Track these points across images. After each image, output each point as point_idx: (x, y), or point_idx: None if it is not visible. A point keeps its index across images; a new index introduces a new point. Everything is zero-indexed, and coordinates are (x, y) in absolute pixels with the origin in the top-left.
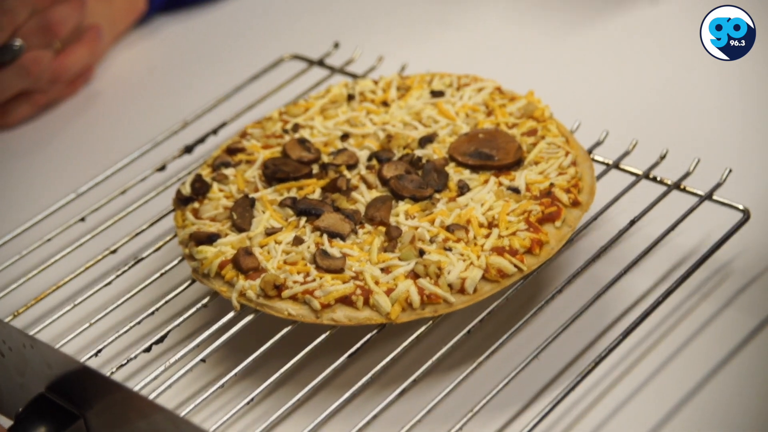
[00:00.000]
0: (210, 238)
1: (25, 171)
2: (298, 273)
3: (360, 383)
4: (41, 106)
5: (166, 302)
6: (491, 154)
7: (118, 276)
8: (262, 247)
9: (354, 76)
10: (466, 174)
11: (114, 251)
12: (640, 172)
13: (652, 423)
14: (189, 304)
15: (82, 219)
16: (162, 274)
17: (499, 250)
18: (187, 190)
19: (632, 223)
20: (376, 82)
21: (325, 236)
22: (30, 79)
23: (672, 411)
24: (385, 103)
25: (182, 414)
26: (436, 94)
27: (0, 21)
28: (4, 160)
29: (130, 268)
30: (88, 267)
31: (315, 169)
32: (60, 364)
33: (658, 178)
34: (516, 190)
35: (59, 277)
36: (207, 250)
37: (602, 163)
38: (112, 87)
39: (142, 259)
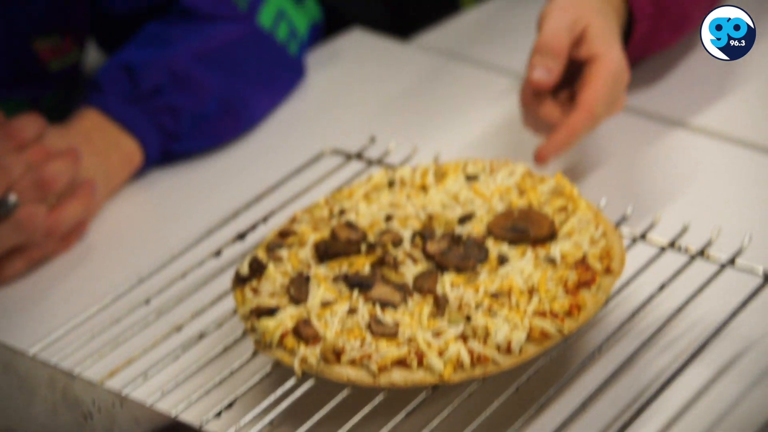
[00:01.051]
0: (270, 311)
1: (19, 329)
2: (355, 339)
3: None
4: (35, 261)
5: (232, 373)
6: (527, 229)
7: (185, 351)
8: (319, 318)
9: (391, 167)
10: (504, 247)
11: (179, 329)
12: (665, 243)
13: None
14: (252, 374)
15: (147, 301)
16: (225, 349)
17: (541, 314)
18: (245, 270)
19: (662, 286)
20: (414, 169)
21: (377, 306)
22: (25, 234)
23: None
24: (423, 188)
25: None
26: (471, 178)
27: None
28: None
29: (195, 344)
30: (156, 343)
31: (363, 248)
32: (149, 420)
33: (683, 248)
34: (552, 261)
35: (129, 354)
36: (268, 322)
37: (629, 236)
38: (107, 241)
39: (206, 335)
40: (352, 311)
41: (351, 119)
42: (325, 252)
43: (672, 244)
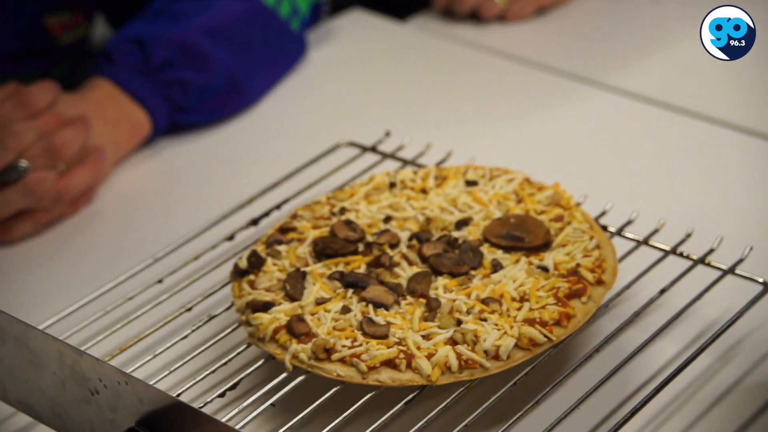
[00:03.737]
0: (265, 306)
1: (24, 287)
2: (347, 338)
3: None
4: (43, 224)
5: (229, 360)
6: (522, 237)
7: (193, 330)
8: (312, 315)
9: (404, 161)
10: (499, 254)
11: (189, 309)
12: (668, 248)
13: None
14: (250, 361)
15: (160, 281)
16: (234, 329)
17: (530, 322)
18: (243, 263)
19: (662, 292)
20: (415, 172)
21: (370, 306)
22: (33, 198)
23: None
24: (423, 191)
25: None
26: (471, 183)
27: (6, 142)
28: (6, 274)
29: (204, 323)
30: (167, 322)
31: (360, 247)
32: (152, 399)
33: (685, 254)
34: (545, 269)
35: (140, 331)
36: (263, 317)
37: (633, 240)
38: (114, 206)
39: (215, 316)
40: (345, 310)
41: (353, 96)
42: (323, 250)
43: (674, 251)
